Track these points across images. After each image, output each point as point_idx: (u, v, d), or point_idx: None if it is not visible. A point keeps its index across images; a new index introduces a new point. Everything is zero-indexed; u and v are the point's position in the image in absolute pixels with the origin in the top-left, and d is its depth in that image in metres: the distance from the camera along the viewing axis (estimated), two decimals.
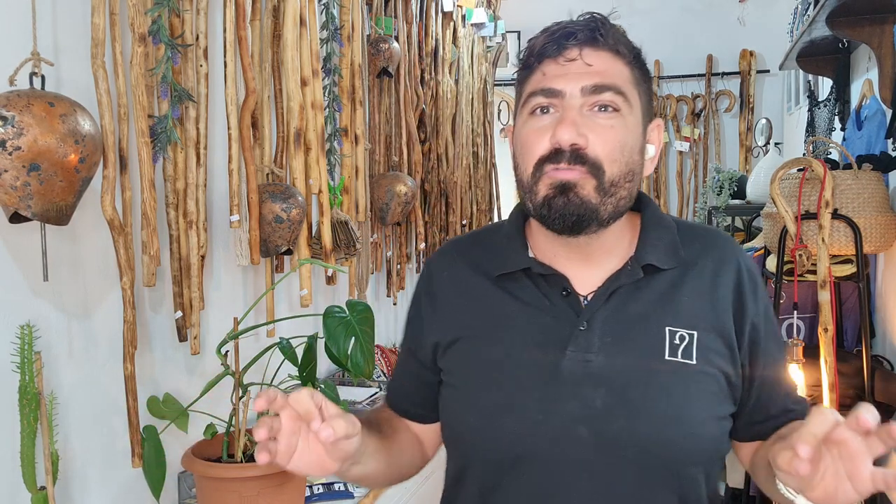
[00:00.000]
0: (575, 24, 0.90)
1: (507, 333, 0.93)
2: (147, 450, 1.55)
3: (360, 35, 2.45)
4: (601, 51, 0.89)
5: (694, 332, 0.90)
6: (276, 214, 1.84)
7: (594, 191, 0.86)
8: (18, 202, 1.18)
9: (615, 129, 0.87)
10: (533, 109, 0.89)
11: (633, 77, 0.91)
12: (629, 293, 0.92)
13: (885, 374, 2.09)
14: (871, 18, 2.20)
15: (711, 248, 0.96)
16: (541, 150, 0.87)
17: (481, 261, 0.98)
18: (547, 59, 0.89)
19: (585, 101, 0.87)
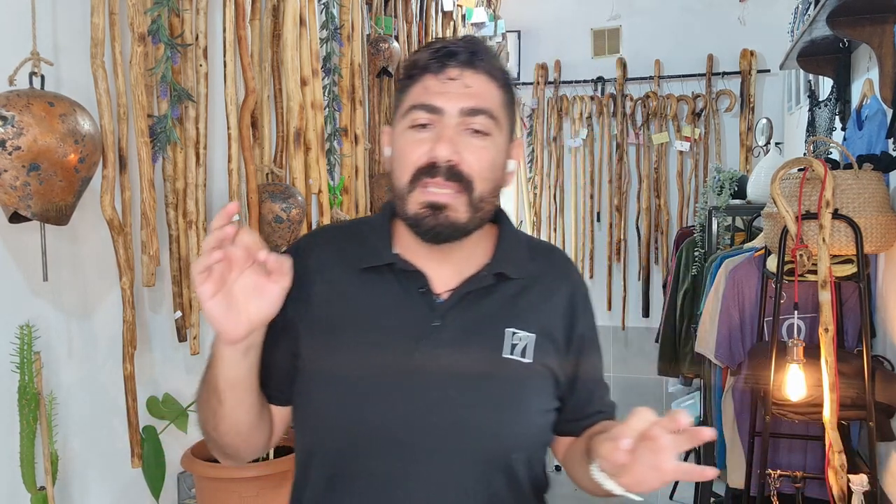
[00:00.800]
0: (457, 44, 0.97)
1: (366, 324, 0.99)
2: (146, 450, 1.55)
3: (359, 35, 2.45)
4: (479, 73, 0.97)
5: (532, 335, 1.01)
6: (275, 214, 1.84)
7: (465, 209, 0.95)
8: (18, 202, 1.18)
9: (487, 149, 0.96)
10: (413, 123, 0.96)
11: (503, 100, 0.99)
12: (480, 296, 1.01)
13: (885, 374, 2.09)
14: (871, 18, 2.20)
15: (553, 265, 1.09)
16: (418, 162, 0.94)
17: (348, 252, 1.04)
18: (429, 74, 0.96)
19: (462, 121, 0.95)
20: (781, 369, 2.11)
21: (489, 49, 1.00)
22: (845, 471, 1.97)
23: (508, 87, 1.01)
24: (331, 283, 1.02)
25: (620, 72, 4.58)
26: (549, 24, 4.77)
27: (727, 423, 2.54)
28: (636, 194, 4.64)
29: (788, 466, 2.35)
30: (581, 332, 1.06)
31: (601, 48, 4.69)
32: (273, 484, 1.55)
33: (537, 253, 1.08)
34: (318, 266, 1.04)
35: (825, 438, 2.00)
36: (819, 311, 2.02)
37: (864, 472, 2.04)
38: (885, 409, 2.08)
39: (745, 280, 2.44)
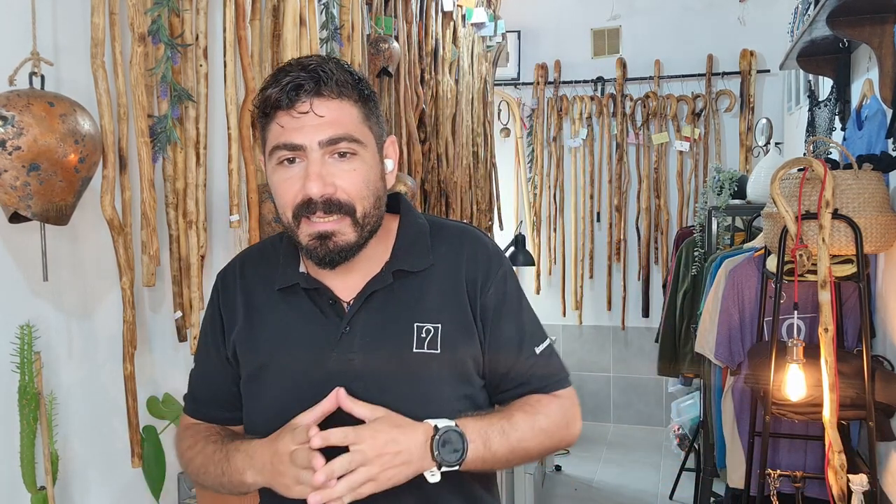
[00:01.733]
0: (302, 74, 0.97)
1: (286, 341, 1.06)
2: (147, 450, 1.55)
3: (359, 35, 2.45)
4: (329, 100, 0.98)
5: (438, 325, 1.04)
6: (275, 214, 1.84)
7: (352, 230, 1.00)
8: (18, 202, 1.18)
9: (357, 170, 1.00)
10: (280, 160, 1.00)
11: (361, 114, 1.01)
12: (385, 296, 1.05)
13: (885, 374, 2.09)
14: (871, 18, 2.20)
15: (455, 245, 1.09)
16: (295, 200, 0.99)
17: (264, 275, 1.11)
18: (280, 111, 0.98)
19: (325, 150, 0.98)
20: (781, 369, 2.11)
21: (338, 68, 1.00)
22: (845, 471, 1.97)
23: (364, 97, 1.02)
24: (253, 306, 1.11)
25: (620, 72, 4.59)
26: (549, 24, 4.77)
27: (727, 423, 2.54)
28: (636, 194, 4.64)
29: (788, 466, 2.35)
30: (485, 304, 1.07)
31: (601, 48, 4.69)
32: None
33: (441, 239, 1.10)
34: (242, 293, 1.12)
35: (825, 438, 2.00)
36: (819, 311, 2.02)
37: (863, 472, 2.04)
38: (885, 408, 2.08)
39: (745, 280, 2.44)
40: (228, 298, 1.13)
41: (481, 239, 1.13)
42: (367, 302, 1.05)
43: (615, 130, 4.63)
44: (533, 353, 1.10)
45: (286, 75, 0.98)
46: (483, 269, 1.08)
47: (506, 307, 1.09)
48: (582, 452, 4.27)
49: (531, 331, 1.11)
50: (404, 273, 1.06)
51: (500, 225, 4.38)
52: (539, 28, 4.80)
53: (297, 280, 1.07)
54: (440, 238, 1.10)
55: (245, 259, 1.18)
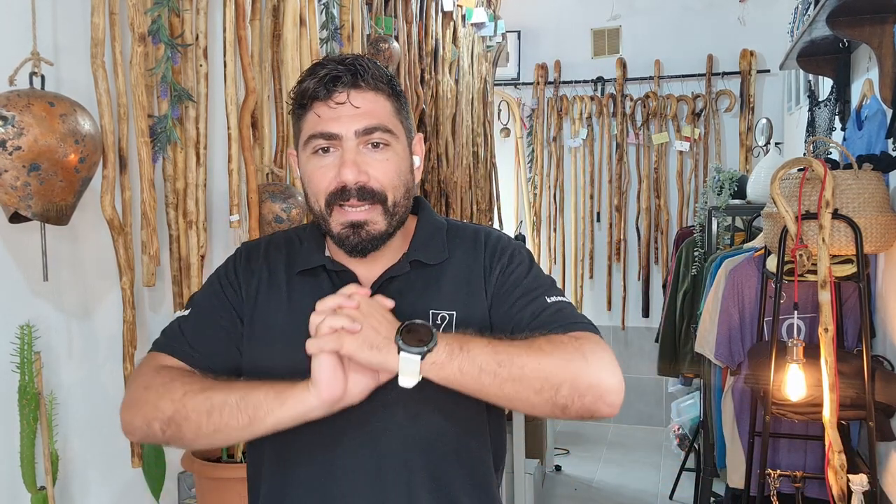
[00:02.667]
0: (339, 67, 1.01)
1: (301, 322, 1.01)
2: (147, 450, 1.55)
3: (359, 35, 2.45)
4: (365, 92, 1.02)
5: (454, 312, 1.07)
6: (275, 214, 1.84)
7: (382, 219, 1.03)
8: (18, 202, 1.18)
9: (390, 160, 1.03)
10: (315, 150, 1.03)
11: (394, 108, 1.05)
12: (403, 283, 1.08)
13: (885, 374, 2.09)
14: (871, 18, 2.20)
15: (470, 242, 1.12)
16: (329, 188, 1.02)
17: (287, 257, 1.13)
18: (318, 101, 1.02)
19: (360, 140, 1.01)
20: (781, 369, 2.11)
21: (372, 63, 1.04)
22: (845, 471, 1.97)
23: (396, 93, 1.06)
24: (272, 284, 1.12)
25: (620, 72, 4.59)
26: (549, 24, 4.77)
27: (727, 423, 2.54)
28: (636, 194, 4.64)
29: (788, 466, 2.35)
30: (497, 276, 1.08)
31: (601, 48, 4.69)
32: None
33: (458, 237, 1.13)
34: (261, 269, 1.13)
35: (825, 438, 2.00)
36: (819, 311, 2.02)
37: (863, 472, 2.04)
38: (885, 408, 2.08)
39: (745, 280, 2.44)
40: (251, 270, 1.13)
41: (497, 233, 1.16)
42: (384, 287, 1.07)
43: (615, 130, 4.63)
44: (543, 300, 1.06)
45: (323, 68, 1.02)
46: (497, 252, 1.11)
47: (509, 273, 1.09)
48: (582, 452, 4.27)
49: (541, 284, 1.09)
50: (421, 264, 1.09)
51: (500, 225, 4.38)
52: (539, 28, 4.80)
53: (322, 262, 1.10)
54: (457, 236, 1.13)
55: (271, 240, 1.19)
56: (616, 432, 4.65)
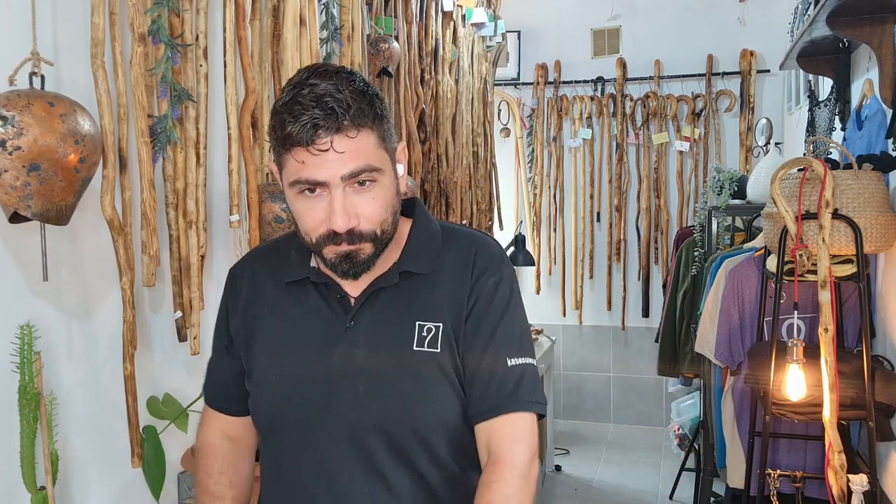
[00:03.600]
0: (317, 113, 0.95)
1: (293, 332, 1.10)
2: (147, 450, 1.55)
3: (359, 35, 2.45)
4: (349, 133, 0.97)
5: (440, 325, 1.06)
6: (275, 214, 1.84)
7: (372, 248, 1.03)
8: (18, 202, 1.18)
9: (377, 198, 1.02)
10: (301, 191, 1.01)
11: (378, 138, 1.01)
12: (390, 294, 1.08)
13: (885, 374, 2.09)
14: (871, 18, 2.20)
15: (463, 251, 1.11)
16: (319, 231, 1.01)
17: (275, 269, 1.14)
18: (299, 147, 0.97)
19: (347, 183, 0.99)
20: (781, 369, 2.11)
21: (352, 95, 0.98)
22: (845, 471, 1.97)
23: (379, 117, 1.01)
24: (262, 298, 1.14)
25: (620, 72, 4.59)
26: (549, 24, 4.77)
27: (727, 423, 2.54)
28: (636, 194, 4.64)
29: (788, 466, 2.35)
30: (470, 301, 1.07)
31: (601, 48, 4.69)
32: None
33: (451, 245, 1.11)
34: (251, 286, 1.16)
35: (825, 438, 2.00)
36: (819, 311, 2.02)
37: (863, 472, 2.04)
38: (885, 409, 2.08)
39: (745, 280, 2.44)
40: (236, 293, 1.17)
41: (488, 244, 1.14)
42: (372, 299, 1.08)
43: (615, 130, 4.63)
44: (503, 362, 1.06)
45: (303, 112, 0.96)
46: (480, 269, 1.09)
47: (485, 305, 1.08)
48: (582, 452, 4.27)
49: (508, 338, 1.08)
50: (411, 274, 1.08)
51: (500, 225, 4.38)
52: (539, 28, 4.80)
53: (308, 274, 1.10)
54: (450, 243, 1.12)
55: (257, 254, 1.22)
56: (616, 432, 4.65)
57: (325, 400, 1.06)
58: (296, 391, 1.08)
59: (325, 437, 1.06)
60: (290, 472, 1.10)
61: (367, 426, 1.04)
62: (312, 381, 1.07)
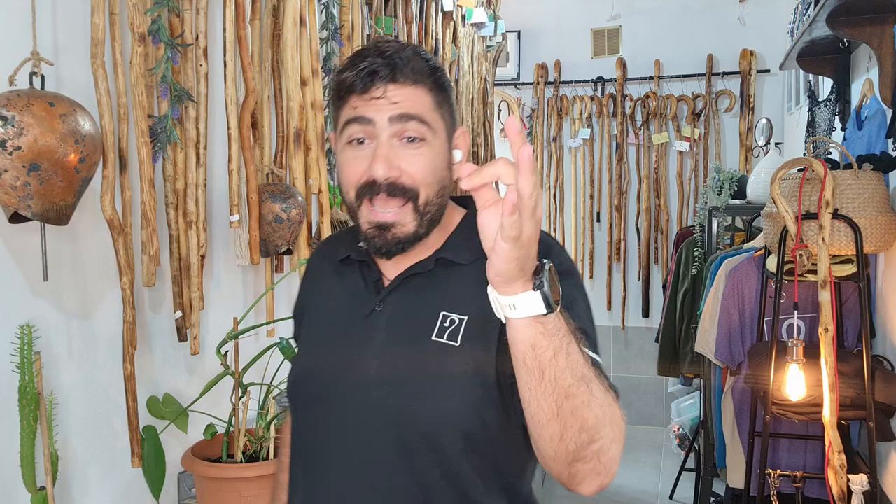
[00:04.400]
0: (377, 60, 0.97)
1: (330, 308, 1.11)
2: (147, 450, 1.55)
3: (359, 35, 2.45)
4: (403, 86, 0.98)
5: (465, 317, 0.99)
6: (275, 214, 1.84)
7: (412, 219, 0.99)
8: (18, 202, 1.18)
9: (424, 155, 0.98)
10: (350, 139, 1.00)
11: (434, 102, 1.00)
12: (423, 281, 1.04)
13: (885, 374, 2.09)
14: (871, 18, 2.20)
15: None
16: (360, 180, 0.99)
17: (335, 247, 1.15)
18: (354, 95, 0.99)
19: (394, 129, 0.97)
20: (781, 369, 2.11)
21: (414, 55, 1.00)
22: (845, 471, 1.97)
23: (439, 85, 1.01)
24: (320, 276, 1.17)
25: (620, 72, 4.59)
26: (549, 24, 4.77)
27: (727, 423, 2.55)
28: (636, 194, 4.64)
29: (788, 466, 2.35)
30: None
31: (601, 48, 4.69)
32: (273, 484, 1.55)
33: None
34: (318, 262, 1.19)
35: (825, 438, 2.00)
36: (819, 311, 2.03)
37: (863, 472, 2.04)
38: (885, 409, 2.08)
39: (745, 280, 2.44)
40: (307, 267, 1.22)
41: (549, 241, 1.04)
42: (404, 284, 1.05)
43: (615, 130, 4.63)
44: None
45: (363, 60, 0.98)
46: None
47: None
48: None
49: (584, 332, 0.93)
50: (448, 263, 1.04)
51: None
52: (539, 28, 4.80)
53: (350, 252, 1.10)
54: None
55: (333, 234, 1.27)
56: None
57: (337, 380, 1.04)
58: (316, 366, 1.08)
59: (331, 416, 1.03)
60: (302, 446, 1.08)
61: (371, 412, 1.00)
62: (331, 359, 1.06)
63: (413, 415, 0.98)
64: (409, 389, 0.99)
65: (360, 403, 1.01)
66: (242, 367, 1.67)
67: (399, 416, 0.98)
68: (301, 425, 1.09)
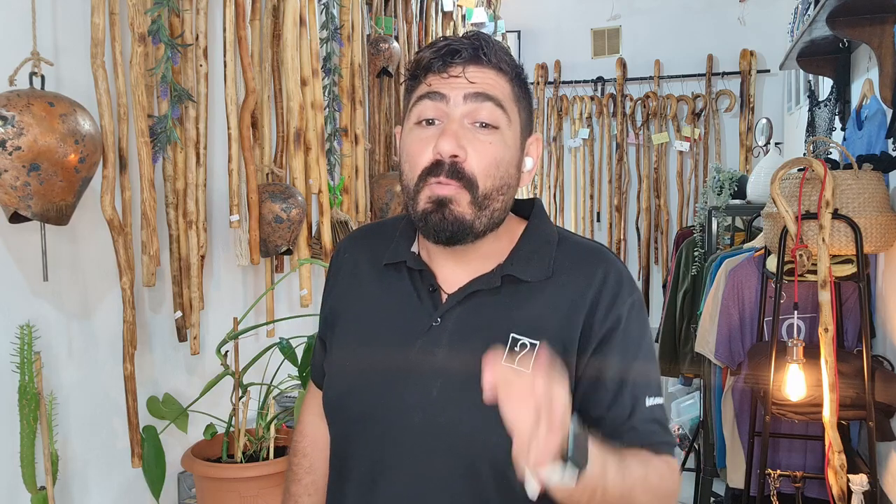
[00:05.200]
0: (460, 41, 0.94)
1: (376, 317, 1.01)
2: (147, 450, 1.55)
3: (360, 35, 2.45)
4: (484, 68, 0.94)
5: (538, 342, 0.93)
6: (275, 214, 1.84)
7: (469, 206, 0.92)
8: (18, 202, 1.18)
9: (493, 145, 0.93)
10: (419, 119, 0.94)
11: (513, 93, 0.96)
12: (488, 298, 0.97)
13: (885, 374, 2.09)
14: (871, 18, 2.20)
15: (583, 264, 0.98)
16: (424, 162, 0.92)
17: (376, 249, 1.06)
18: (431, 73, 0.94)
19: (467, 110, 0.92)
20: (781, 369, 2.11)
21: (497, 45, 0.96)
22: (845, 471, 1.97)
23: (520, 81, 0.98)
24: (357, 277, 1.07)
25: (620, 72, 4.59)
26: (549, 24, 4.77)
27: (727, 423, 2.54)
28: (636, 194, 4.64)
29: (788, 466, 2.35)
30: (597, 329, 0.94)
31: (601, 48, 4.69)
32: (273, 484, 1.55)
33: (568, 253, 1.00)
34: (351, 262, 1.09)
35: (825, 438, 2.00)
36: (819, 311, 2.02)
37: (863, 472, 2.04)
38: (885, 409, 2.08)
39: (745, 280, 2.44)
40: (335, 271, 1.10)
41: (617, 263, 1.01)
42: (467, 299, 0.97)
43: (615, 130, 4.63)
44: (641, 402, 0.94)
45: (444, 40, 0.94)
46: (613, 292, 0.96)
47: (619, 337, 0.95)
48: None
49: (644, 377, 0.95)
50: (515, 280, 0.97)
51: None
52: (539, 28, 4.80)
53: (406, 258, 1.01)
54: (567, 252, 1.00)
55: (364, 229, 1.15)
56: None
57: (393, 396, 0.96)
58: (365, 380, 0.99)
59: (387, 435, 0.96)
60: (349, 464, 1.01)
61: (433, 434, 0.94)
62: (384, 374, 0.97)
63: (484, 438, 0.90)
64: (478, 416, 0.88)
65: (422, 424, 0.94)
66: (242, 367, 1.67)
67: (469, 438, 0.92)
68: (347, 441, 1.01)
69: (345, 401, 1.01)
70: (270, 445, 1.65)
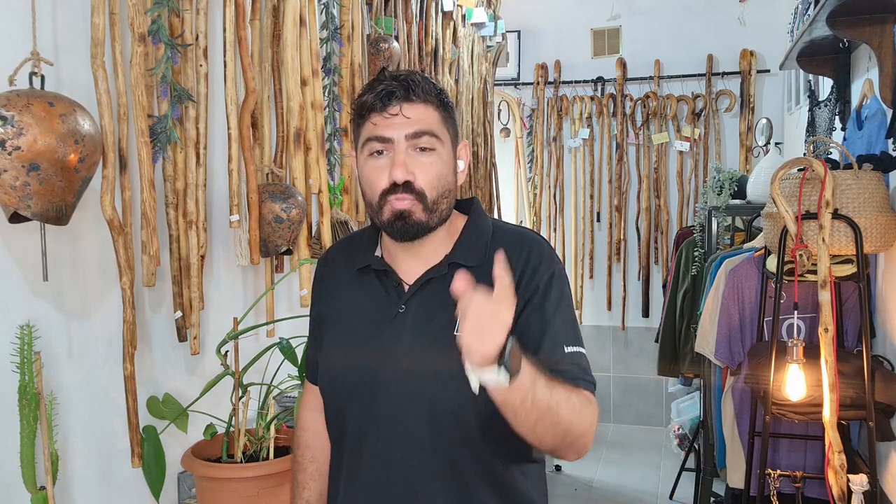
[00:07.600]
0: (393, 83, 1.16)
1: (355, 313, 1.25)
2: (147, 450, 1.55)
3: (359, 35, 2.45)
4: (416, 104, 1.17)
5: None
6: (275, 214, 1.84)
7: (423, 212, 1.17)
8: (18, 202, 1.18)
9: (433, 164, 1.17)
10: (371, 152, 1.18)
11: (441, 118, 1.19)
12: (439, 284, 1.19)
13: (885, 374, 2.09)
14: (871, 18, 2.20)
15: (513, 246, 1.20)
16: (382, 185, 1.17)
17: (349, 258, 1.30)
18: (374, 112, 1.17)
19: (409, 143, 1.16)
20: (781, 369, 2.11)
21: (423, 79, 1.19)
22: (845, 471, 1.97)
23: (444, 104, 1.20)
24: (338, 283, 1.30)
25: (620, 72, 4.59)
26: (549, 24, 4.77)
27: (727, 423, 2.55)
28: (636, 194, 4.64)
29: (788, 466, 2.35)
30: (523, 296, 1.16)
31: (601, 48, 4.69)
32: (273, 484, 1.55)
33: (501, 240, 1.21)
34: (330, 272, 1.32)
35: (825, 438, 2.00)
36: (819, 311, 2.02)
37: (863, 472, 2.04)
38: (885, 409, 2.08)
39: (745, 280, 2.44)
40: (318, 280, 1.34)
41: (539, 241, 1.25)
42: (423, 287, 1.21)
43: (615, 130, 4.63)
44: (560, 349, 1.16)
45: (380, 84, 1.17)
46: (533, 265, 1.20)
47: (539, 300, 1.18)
48: None
49: (563, 329, 1.19)
50: (459, 266, 1.16)
51: None
52: (539, 28, 4.80)
53: (370, 262, 1.25)
54: (500, 239, 1.22)
55: (339, 243, 1.40)
56: (616, 432, 4.65)
57: (373, 373, 1.18)
58: (351, 364, 1.21)
59: (370, 404, 1.18)
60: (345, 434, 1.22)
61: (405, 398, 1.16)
62: (365, 356, 1.20)
63: (444, 396, 1.14)
64: (439, 376, 1.14)
65: (398, 390, 1.17)
66: (242, 367, 1.67)
67: (433, 397, 1.15)
68: (342, 415, 1.23)
69: (337, 382, 1.24)
70: (270, 445, 1.65)
